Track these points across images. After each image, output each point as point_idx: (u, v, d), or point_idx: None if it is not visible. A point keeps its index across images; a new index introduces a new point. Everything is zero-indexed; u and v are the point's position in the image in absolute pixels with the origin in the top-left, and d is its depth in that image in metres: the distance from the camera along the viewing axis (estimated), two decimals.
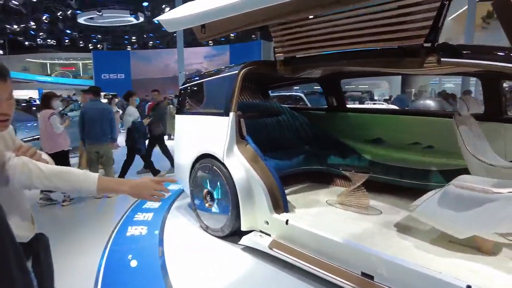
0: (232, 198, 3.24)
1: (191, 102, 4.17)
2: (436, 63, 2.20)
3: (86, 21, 23.71)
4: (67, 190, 1.29)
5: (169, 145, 6.77)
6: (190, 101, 4.18)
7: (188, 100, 4.21)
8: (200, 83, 4.06)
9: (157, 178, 1.38)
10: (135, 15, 19.78)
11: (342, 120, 4.58)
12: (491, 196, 1.97)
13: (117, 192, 1.35)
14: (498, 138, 3.31)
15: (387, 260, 2.25)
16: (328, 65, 3.30)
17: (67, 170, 1.25)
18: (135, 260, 3.11)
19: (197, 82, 4.10)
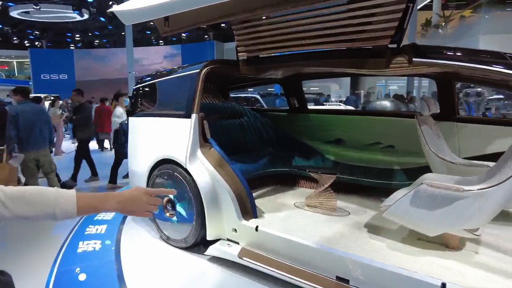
0: (196, 205, 3.03)
1: (146, 104, 3.88)
2: (406, 63, 2.21)
3: (21, 15, 21.61)
4: (38, 217, 0.95)
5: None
6: (145, 103, 3.89)
7: (143, 101, 3.91)
8: (156, 83, 3.78)
9: (149, 189, 1.15)
10: (78, 11, 18.45)
11: (303, 121, 4.56)
12: (462, 194, 2.00)
13: (102, 210, 1.07)
14: (452, 136, 3.47)
15: (362, 262, 2.21)
16: (292, 65, 3.23)
17: (32, 190, 0.95)
18: (88, 280, 2.78)
19: (153, 82, 3.82)
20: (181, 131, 3.17)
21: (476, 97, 7.37)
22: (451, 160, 2.90)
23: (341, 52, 2.80)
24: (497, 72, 1.84)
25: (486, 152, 3.30)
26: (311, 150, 4.21)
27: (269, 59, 3.30)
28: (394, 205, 2.33)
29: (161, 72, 3.93)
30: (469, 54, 2.14)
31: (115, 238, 3.61)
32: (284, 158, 4.06)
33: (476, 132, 3.39)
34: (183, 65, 3.64)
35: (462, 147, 3.45)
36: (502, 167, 1.99)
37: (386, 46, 2.50)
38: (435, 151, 2.97)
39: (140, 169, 3.67)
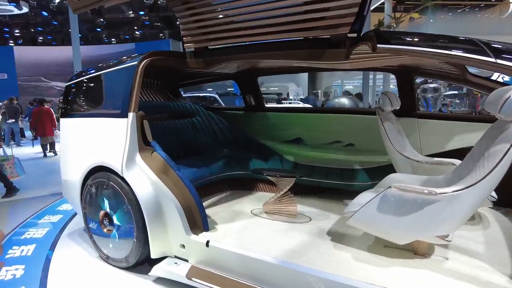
0: (137, 220, 2.60)
1: (79, 102, 3.36)
2: (368, 53, 1.96)
3: None
4: None
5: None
6: (78, 101, 3.37)
7: (76, 100, 3.39)
8: (90, 78, 3.28)
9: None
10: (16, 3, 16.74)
11: (260, 120, 4.26)
12: (435, 198, 1.79)
13: None
14: (413, 133, 3.34)
15: (326, 279, 1.94)
16: (245, 57, 2.90)
17: None
18: None
19: (86, 77, 3.31)
20: (116, 133, 2.72)
21: (433, 92, 7.55)
22: (415, 158, 2.74)
23: (297, 42, 2.52)
24: (463, 58, 1.65)
25: (448, 148, 3.20)
26: (269, 151, 3.92)
27: (219, 50, 2.94)
28: (359, 211, 2.08)
29: (96, 66, 3.43)
30: (433, 39, 1.94)
31: (44, 260, 3.05)
32: (240, 160, 3.72)
33: (437, 128, 3.29)
34: (121, 58, 3.17)
35: (423, 143, 3.33)
36: (474, 167, 1.80)
37: (345, 35, 2.26)
38: (398, 149, 2.79)
39: (73, 177, 3.16)
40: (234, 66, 3.62)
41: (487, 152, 1.74)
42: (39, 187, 5.72)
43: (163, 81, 4.31)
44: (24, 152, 9.82)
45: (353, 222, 2.17)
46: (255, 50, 2.75)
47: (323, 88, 23.25)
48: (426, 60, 2.83)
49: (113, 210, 2.78)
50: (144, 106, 3.23)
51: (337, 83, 28.10)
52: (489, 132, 1.93)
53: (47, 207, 4.65)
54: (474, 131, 3.09)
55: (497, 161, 1.67)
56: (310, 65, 2.81)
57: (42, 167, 7.76)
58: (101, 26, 24.28)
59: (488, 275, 1.96)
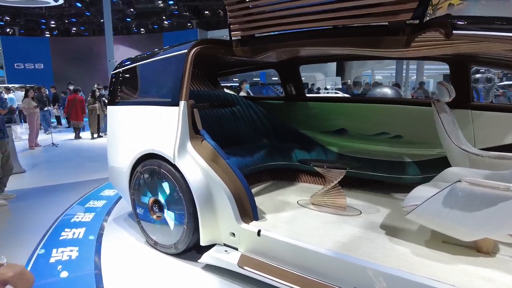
0: (188, 207, 2.63)
1: (127, 91, 3.41)
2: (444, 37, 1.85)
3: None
4: None
5: None
6: (126, 89, 3.42)
7: (123, 88, 3.45)
8: (138, 67, 3.32)
9: None
10: None
11: (301, 110, 4.20)
12: (510, 194, 1.68)
13: None
14: (467, 125, 3.18)
15: (387, 273, 1.88)
16: (295, 45, 2.83)
17: None
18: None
19: (134, 66, 3.35)
20: (167, 121, 2.75)
21: (485, 83, 7.15)
22: (475, 152, 2.60)
23: (352, 29, 2.43)
24: None
25: (504, 142, 3.02)
26: (310, 141, 3.85)
27: (267, 38, 2.89)
28: (422, 205, 2.00)
29: (143, 55, 3.46)
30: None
31: (95, 244, 3.17)
32: (282, 151, 3.69)
33: (493, 120, 3.11)
34: (167, 46, 3.19)
35: (477, 136, 3.16)
36: None
37: (405, 22, 2.14)
38: (455, 141, 2.66)
39: (121, 164, 3.23)
40: (277, 55, 3.56)
41: None
42: (79, 172, 5.95)
43: (203, 70, 4.32)
44: (60, 139, 10.23)
45: (414, 217, 2.09)
46: (306, 37, 2.67)
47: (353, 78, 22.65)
48: (489, 47, 2.66)
49: (163, 197, 2.83)
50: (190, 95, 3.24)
51: (366, 73, 27.31)
52: None
53: (90, 192, 4.82)
54: None
55: None
56: (365, 53, 2.70)
57: (79, 153, 8.06)
58: (130, 16, 24.66)
59: None
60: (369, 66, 25.68)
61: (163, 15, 25.34)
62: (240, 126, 3.93)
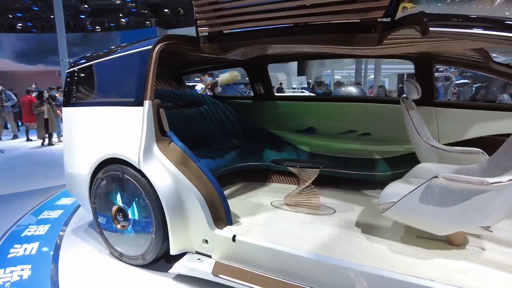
0: (156, 214, 2.46)
1: (85, 90, 3.14)
2: (421, 34, 1.84)
3: None
4: None
5: None
6: (84, 89, 3.15)
7: (81, 88, 3.17)
8: (97, 65, 3.06)
9: None
10: None
11: (270, 109, 4.13)
12: (485, 188, 1.71)
13: None
14: (431, 122, 3.29)
15: (368, 273, 1.86)
16: (266, 42, 2.75)
17: None
18: None
19: (92, 64, 3.09)
20: (131, 123, 2.55)
21: (444, 81, 7.55)
22: (443, 148, 2.67)
23: (324, 26, 2.39)
24: None
25: (466, 137, 3.16)
26: (281, 141, 3.80)
27: (237, 35, 2.79)
28: (400, 202, 2.00)
29: (102, 52, 3.21)
30: (483, 21, 1.84)
31: (51, 259, 2.88)
32: (253, 151, 3.59)
33: (455, 117, 3.24)
34: (129, 43, 2.98)
35: (441, 132, 3.28)
36: None
37: (376, 19, 2.14)
38: (424, 138, 2.72)
39: (79, 170, 2.97)
40: (245, 53, 3.47)
41: None
42: (32, 180, 5.46)
43: (166, 68, 4.12)
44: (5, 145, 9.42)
45: (391, 214, 2.09)
46: (277, 34, 2.59)
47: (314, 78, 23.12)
48: (450, 46, 2.75)
49: (127, 205, 2.62)
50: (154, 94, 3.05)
51: (326, 73, 28.02)
52: None
53: (45, 201, 4.43)
54: (494, 119, 3.06)
55: None
56: (336, 50, 2.68)
57: (30, 159, 7.44)
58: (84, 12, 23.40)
59: None
60: (329, 66, 26.38)
61: (120, 12, 24.33)
62: (208, 126, 3.79)
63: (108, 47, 3.35)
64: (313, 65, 24.72)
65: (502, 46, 2.00)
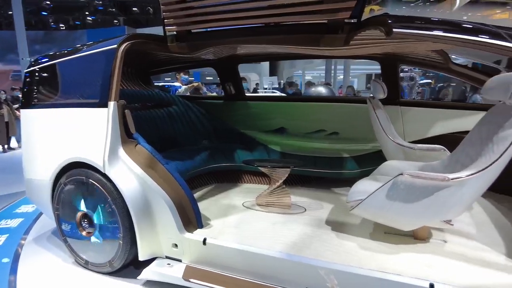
0: (123, 219, 2.37)
1: (45, 91, 2.98)
2: (385, 35, 1.89)
3: None
4: None
5: None
6: (44, 90, 2.98)
7: (41, 88, 3.00)
8: (58, 64, 2.91)
9: None
10: None
11: (241, 109, 4.11)
12: (447, 183, 1.78)
13: None
14: (397, 120, 3.40)
15: (338, 270, 1.89)
16: (234, 41, 2.73)
17: None
18: None
19: (53, 63, 2.94)
20: (95, 125, 2.45)
21: (409, 81, 7.83)
22: (408, 145, 2.77)
23: (293, 26, 2.41)
24: (490, 44, 1.63)
25: (430, 135, 3.29)
26: (252, 141, 3.80)
27: (206, 34, 2.75)
28: (367, 200, 2.04)
29: (64, 50, 3.06)
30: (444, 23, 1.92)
31: (8, 272, 2.71)
32: (224, 152, 3.56)
33: (419, 115, 3.36)
34: (93, 42, 2.86)
35: (406, 130, 3.40)
36: (481, 151, 1.82)
37: (343, 20, 2.18)
38: (390, 136, 2.80)
39: (40, 176, 2.81)
40: (215, 52, 3.43)
41: (496, 137, 1.76)
42: None
43: (133, 67, 4.00)
44: None
45: (359, 211, 2.13)
46: (246, 34, 2.58)
47: (286, 79, 23.35)
48: (413, 47, 2.85)
49: (93, 210, 2.51)
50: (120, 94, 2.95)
51: (297, 73, 28.39)
52: (491, 118, 1.96)
53: (2, 210, 4.17)
54: (455, 117, 3.21)
55: (508, 145, 1.69)
56: (305, 51, 2.71)
57: None
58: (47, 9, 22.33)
59: (487, 255, 2.02)
60: (300, 67, 26.75)
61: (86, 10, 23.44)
62: (177, 127, 3.71)
63: (73, 46, 3.20)
64: (284, 65, 24.96)
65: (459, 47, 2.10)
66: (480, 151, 1.86)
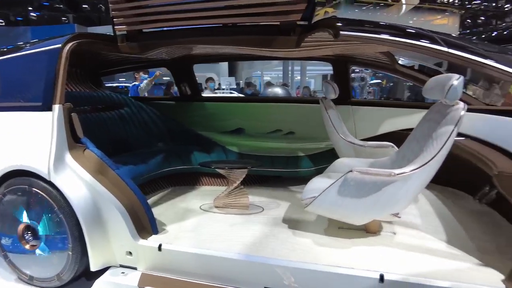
0: (71, 229, 2.24)
1: None
2: (333, 37, 1.95)
3: None
4: None
5: None
6: None
7: None
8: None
9: None
10: None
11: (197, 110, 4.06)
12: (393, 178, 1.89)
13: None
14: (348, 119, 3.54)
15: (294, 268, 1.93)
16: (186, 42, 2.69)
17: None
18: None
19: None
20: (38, 130, 2.29)
21: (360, 81, 8.19)
22: (358, 143, 2.89)
23: (246, 28, 2.42)
24: (429, 49, 1.75)
25: (379, 132, 3.46)
26: (209, 143, 3.75)
27: (157, 34, 2.68)
28: (320, 197, 2.10)
29: (3, 48, 2.83)
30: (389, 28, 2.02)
31: None
32: (180, 154, 3.49)
33: (369, 114, 3.53)
34: (35, 40, 2.67)
35: (357, 129, 3.55)
36: (424, 147, 1.95)
37: (295, 22, 2.23)
38: (342, 135, 2.91)
39: None
40: (169, 52, 3.36)
41: (435, 133, 1.89)
42: None
43: (82, 68, 3.79)
44: None
45: (313, 208, 2.19)
46: (198, 34, 2.55)
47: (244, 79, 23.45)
48: (362, 49, 2.99)
49: (37, 221, 2.34)
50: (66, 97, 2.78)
51: (256, 74, 28.62)
52: (431, 116, 2.10)
53: None
54: (402, 115, 3.41)
55: (445, 140, 1.83)
56: (258, 52, 2.73)
57: None
58: None
59: (430, 243, 2.18)
60: (259, 67, 27.00)
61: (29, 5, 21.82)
62: (130, 130, 3.57)
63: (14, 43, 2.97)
64: (243, 66, 25.06)
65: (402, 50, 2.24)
66: (422, 146, 1.99)
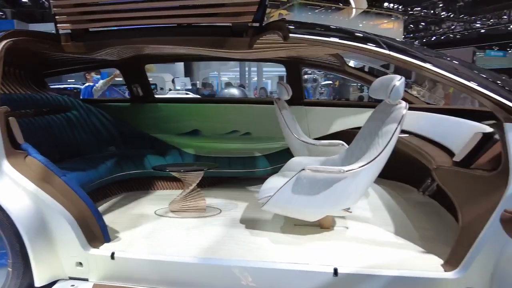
0: (12, 243, 2.06)
1: None
2: (282, 39, 1.99)
3: None
4: None
5: None
6: None
7: None
8: None
9: None
10: None
11: (151, 112, 3.95)
12: (343, 175, 1.97)
13: None
14: (302, 119, 3.64)
15: (250, 267, 1.95)
16: (136, 42, 2.60)
17: None
18: None
19: None
20: None
21: (312, 82, 8.43)
22: (311, 142, 2.98)
23: (198, 28, 2.40)
24: (373, 51, 1.84)
25: (331, 131, 3.60)
26: (164, 145, 3.67)
27: (105, 33, 2.56)
28: (275, 196, 2.14)
29: None
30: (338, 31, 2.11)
31: None
32: (133, 158, 3.36)
33: (321, 114, 3.66)
34: None
35: (310, 128, 3.66)
36: (371, 144, 2.06)
37: (247, 24, 2.25)
38: (296, 134, 2.99)
39: None
40: (119, 53, 3.22)
41: (380, 131, 2.01)
42: None
43: (22, 68, 3.52)
44: None
45: (269, 207, 2.22)
46: (148, 34, 2.48)
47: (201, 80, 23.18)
48: (313, 51, 3.09)
49: None
50: (4, 100, 2.56)
51: (213, 75, 28.43)
52: (376, 115, 2.23)
53: None
54: (351, 115, 3.58)
55: (390, 137, 1.94)
56: (210, 53, 2.71)
57: None
58: None
59: (380, 235, 2.32)
60: (216, 68, 26.85)
61: None
62: (78, 134, 3.38)
63: None
64: (200, 66, 24.77)
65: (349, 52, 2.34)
66: (369, 144, 2.10)
